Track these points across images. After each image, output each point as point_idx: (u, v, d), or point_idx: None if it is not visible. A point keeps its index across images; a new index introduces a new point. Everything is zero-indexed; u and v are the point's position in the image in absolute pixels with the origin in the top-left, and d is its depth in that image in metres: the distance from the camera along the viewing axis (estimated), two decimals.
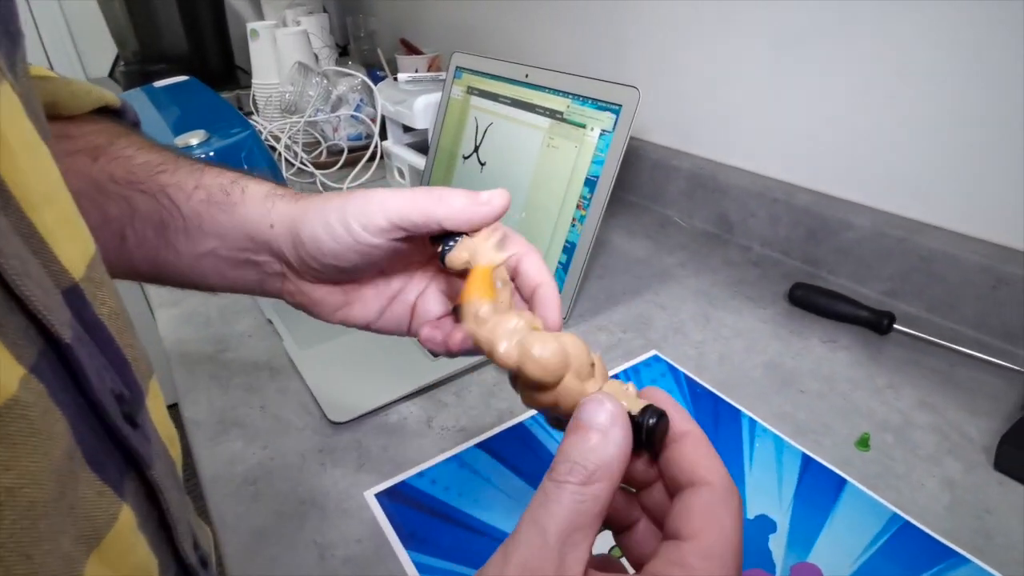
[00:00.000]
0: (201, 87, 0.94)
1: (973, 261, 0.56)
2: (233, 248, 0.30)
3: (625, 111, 0.54)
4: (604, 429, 0.20)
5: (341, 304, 0.33)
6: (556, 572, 0.18)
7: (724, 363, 0.55)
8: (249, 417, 0.50)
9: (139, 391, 0.23)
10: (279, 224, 0.29)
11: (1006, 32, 0.51)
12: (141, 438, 0.21)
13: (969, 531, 0.39)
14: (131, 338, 0.23)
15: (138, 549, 0.21)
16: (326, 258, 0.29)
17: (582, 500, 0.19)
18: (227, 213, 0.30)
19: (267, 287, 0.33)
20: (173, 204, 0.30)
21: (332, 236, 0.28)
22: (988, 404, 0.49)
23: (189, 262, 0.31)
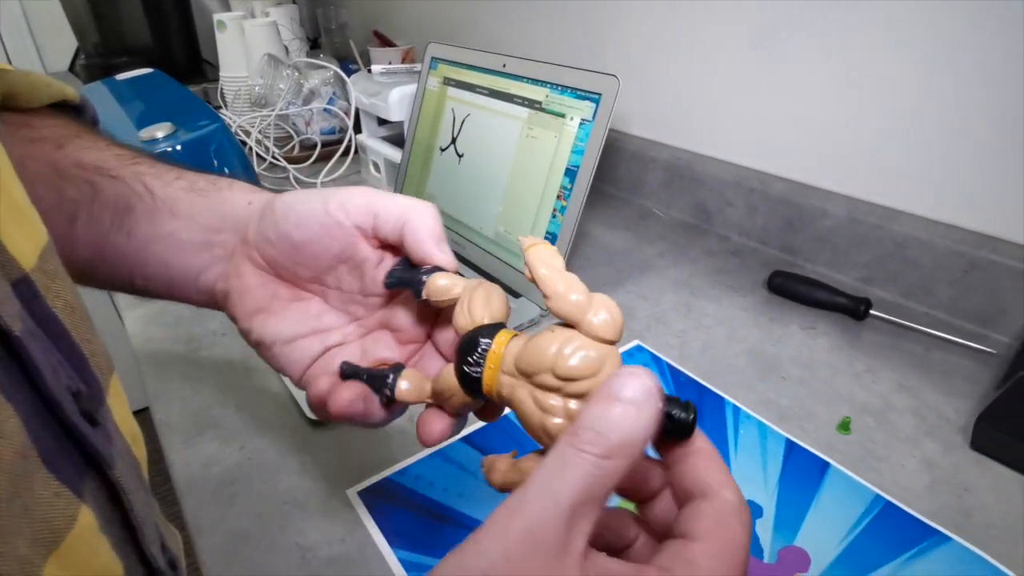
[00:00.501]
0: (166, 79, 0.91)
1: (945, 247, 0.57)
2: (196, 228, 0.30)
3: (605, 99, 0.53)
4: (638, 404, 0.19)
5: (262, 306, 0.30)
6: (561, 543, 0.17)
7: (706, 352, 0.55)
8: (224, 417, 0.48)
9: (98, 388, 0.22)
10: (259, 202, 0.30)
11: (974, 23, 0.52)
12: (101, 437, 0.20)
13: (949, 509, 0.39)
14: (88, 333, 0.22)
15: (100, 552, 0.20)
16: (301, 234, 0.28)
17: (600, 473, 0.18)
18: (207, 198, 0.30)
19: (202, 277, 0.30)
20: (147, 190, 0.29)
21: (307, 204, 0.28)
22: (963, 385, 0.50)
23: (138, 246, 0.30)
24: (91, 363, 0.21)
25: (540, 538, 0.17)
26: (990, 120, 0.53)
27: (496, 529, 0.18)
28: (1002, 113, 0.52)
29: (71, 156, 0.29)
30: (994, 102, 0.52)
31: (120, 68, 0.97)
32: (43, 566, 0.17)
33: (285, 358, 0.30)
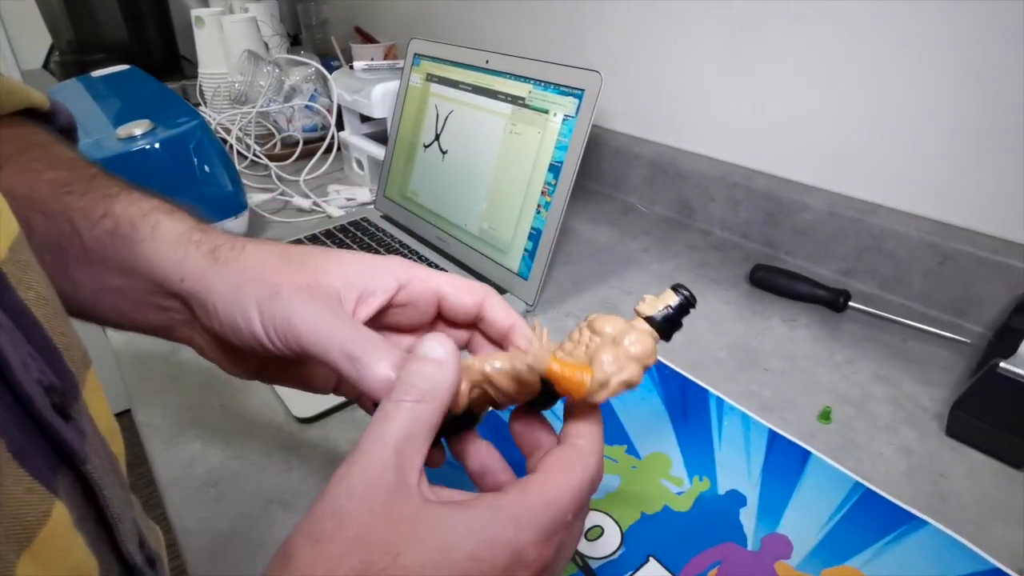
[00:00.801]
0: (144, 76, 0.89)
1: (920, 239, 0.58)
2: (138, 289, 0.27)
3: (588, 95, 0.54)
4: (440, 360, 0.23)
5: (263, 365, 0.30)
6: (395, 475, 0.20)
7: (690, 345, 0.55)
8: (208, 417, 0.48)
9: (72, 382, 0.21)
10: (191, 281, 0.26)
11: (947, 22, 0.53)
12: (74, 432, 0.20)
13: (926, 495, 0.40)
14: (63, 326, 0.21)
15: (75, 549, 0.20)
16: (240, 341, 0.26)
17: (414, 417, 0.21)
18: (132, 251, 0.26)
19: (176, 334, 0.29)
20: (75, 231, 0.27)
21: (249, 328, 0.25)
22: (938, 374, 0.51)
23: (88, 296, 0.28)
24: (65, 356, 0.21)
25: (375, 476, 0.20)
26: (963, 116, 0.54)
27: (338, 476, 0.21)
28: (974, 110, 0.54)
29: (5, 183, 0.26)
30: (967, 99, 0.54)
31: (96, 65, 0.95)
32: (16, 563, 0.16)
33: (313, 387, 0.31)
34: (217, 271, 0.26)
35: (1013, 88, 0.51)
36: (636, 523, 0.38)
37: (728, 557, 0.36)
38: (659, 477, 0.42)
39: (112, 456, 0.24)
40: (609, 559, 0.36)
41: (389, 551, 0.19)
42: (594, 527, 0.38)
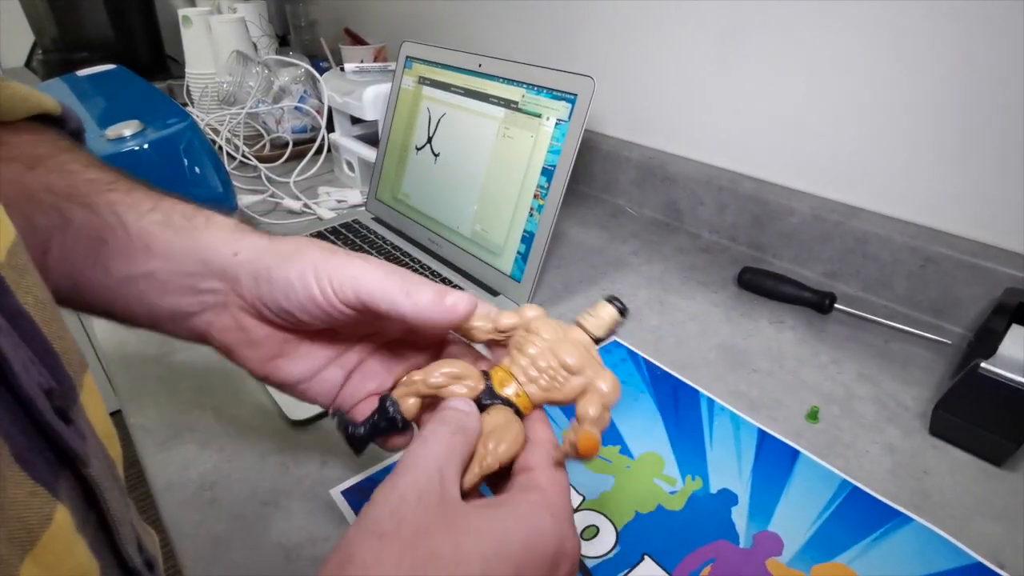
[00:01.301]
0: (131, 76, 0.88)
1: (903, 242, 0.59)
2: (178, 271, 0.28)
3: (580, 100, 0.54)
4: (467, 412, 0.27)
5: (276, 353, 0.30)
6: (440, 486, 0.23)
7: (680, 346, 0.56)
8: (202, 420, 0.47)
9: (70, 385, 0.21)
10: (245, 254, 0.28)
11: (931, 29, 0.54)
12: (75, 435, 0.20)
13: (910, 492, 0.42)
14: (60, 329, 0.21)
15: (77, 552, 0.20)
16: (290, 304, 0.28)
17: (452, 444, 0.25)
18: (183, 237, 0.28)
19: (194, 321, 0.30)
20: (120, 221, 0.28)
21: (305, 286, 0.27)
22: (920, 374, 0.52)
23: (117, 284, 0.28)
24: (63, 360, 0.21)
25: (423, 485, 0.23)
26: (945, 123, 0.56)
27: (388, 486, 0.23)
28: (957, 116, 0.55)
29: (42, 179, 0.28)
30: (949, 105, 0.55)
31: (80, 64, 0.94)
32: (19, 566, 0.16)
33: (312, 392, 0.32)
34: (272, 245, 0.29)
35: (995, 95, 0.52)
36: (630, 522, 0.39)
37: (721, 555, 0.37)
38: (652, 477, 0.42)
39: (110, 459, 0.24)
40: (604, 558, 0.37)
41: (450, 542, 0.21)
42: (589, 527, 0.39)
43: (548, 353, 0.27)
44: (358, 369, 0.32)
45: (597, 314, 0.29)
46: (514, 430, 0.27)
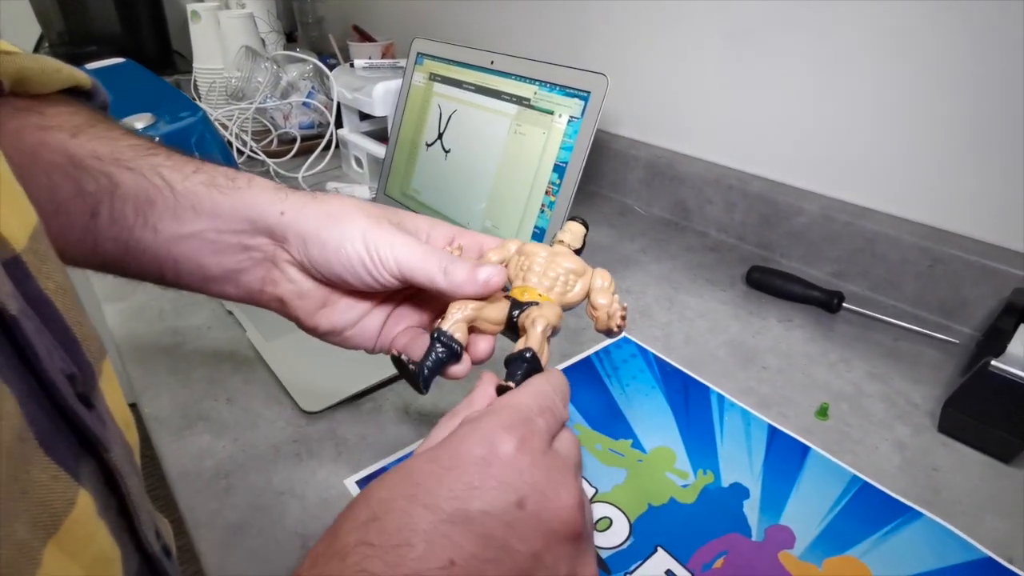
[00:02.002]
0: (140, 70, 0.89)
1: (912, 242, 0.60)
2: (225, 230, 0.29)
3: (594, 98, 0.55)
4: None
5: (323, 303, 0.32)
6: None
7: (690, 343, 0.57)
8: (215, 410, 0.48)
9: (91, 371, 0.22)
10: (291, 213, 0.29)
11: (941, 30, 0.55)
12: (96, 420, 0.20)
13: (919, 488, 0.42)
14: (80, 316, 0.22)
15: (99, 537, 0.20)
16: (341, 267, 0.29)
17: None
18: (228, 196, 0.29)
19: (246, 278, 0.31)
20: (165, 183, 0.29)
21: (356, 252, 0.29)
22: (929, 373, 0.53)
23: (166, 244, 0.29)
24: (83, 346, 0.21)
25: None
26: (954, 123, 0.56)
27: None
28: (966, 116, 0.56)
29: (86, 146, 0.29)
30: (959, 106, 0.56)
31: (87, 57, 0.94)
32: (43, 550, 0.17)
33: (356, 339, 0.33)
34: (316, 205, 0.30)
35: (1004, 95, 0.53)
36: (643, 515, 0.39)
37: (734, 547, 0.37)
38: (664, 470, 0.43)
39: (128, 446, 0.25)
40: (618, 549, 0.37)
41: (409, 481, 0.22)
42: (603, 519, 0.39)
43: (552, 264, 0.32)
44: (393, 313, 0.34)
45: (569, 231, 0.34)
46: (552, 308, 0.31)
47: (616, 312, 0.31)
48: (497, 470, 0.21)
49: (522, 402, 0.25)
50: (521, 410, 0.24)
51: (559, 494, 0.21)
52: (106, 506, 0.21)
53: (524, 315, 0.30)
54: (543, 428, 0.24)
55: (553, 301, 0.31)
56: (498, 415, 0.23)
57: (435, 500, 0.20)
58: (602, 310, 0.31)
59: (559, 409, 0.26)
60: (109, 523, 0.21)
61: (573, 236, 0.34)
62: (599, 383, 0.51)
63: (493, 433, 0.22)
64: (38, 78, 0.28)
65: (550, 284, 0.31)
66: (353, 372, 0.50)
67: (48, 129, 0.28)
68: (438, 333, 0.30)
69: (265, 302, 0.32)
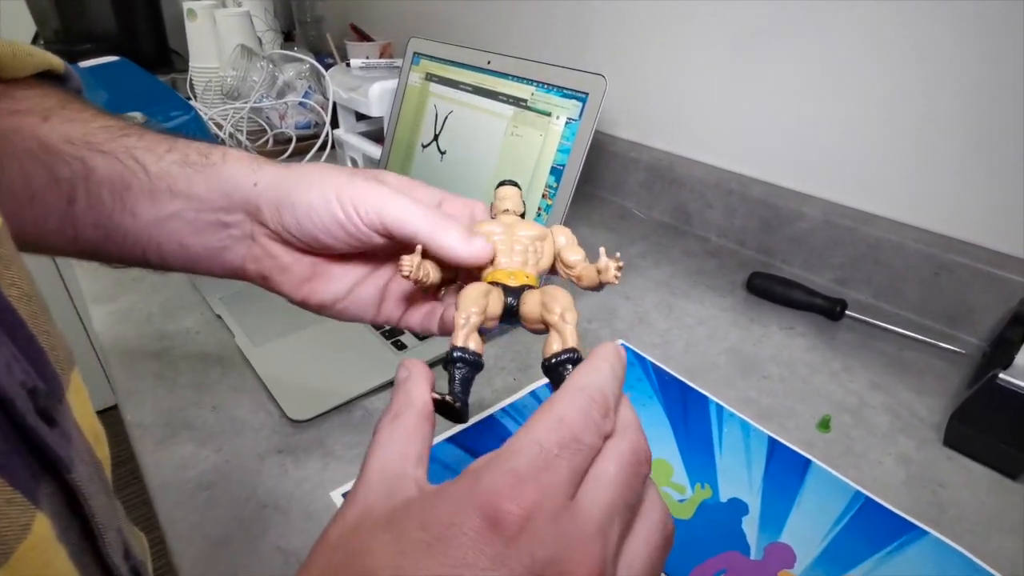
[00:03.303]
0: (134, 68, 0.87)
1: (916, 249, 0.58)
2: (203, 208, 0.29)
3: (592, 99, 0.53)
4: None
5: (308, 275, 0.31)
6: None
7: (689, 351, 0.55)
8: (200, 418, 0.46)
9: (57, 384, 0.20)
10: (264, 183, 0.28)
11: (946, 34, 0.53)
12: (59, 437, 0.19)
13: (925, 504, 0.41)
14: (47, 324, 0.21)
15: (57, 562, 0.19)
16: (314, 228, 0.28)
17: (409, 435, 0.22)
18: (203, 174, 0.28)
19: (228, 256, 0.30)
20: (139, 165, 0.28)
21: (328, 210, 0.27)
22: (934, 384, 0.51)
23: (146, 227, 0.29)
24: (49, 356, 0.20)
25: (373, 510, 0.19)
26: (961, 129, 0.55)
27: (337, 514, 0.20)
28: (972, 122, 0.54)
29: (58, 129, 0.28)
30: (965, 111, 0.54)
31: (83, 55, 0.93)
32: None
33: (352, 311, 0.32)
34: (290, 173, 0.29)
35: (1011, 101, 0.51)
36: None
37: (732, 566, 0.36)
38: (661, 484, 0.41)
39: (97, 462, 0.23)
40: None
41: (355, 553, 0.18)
42: None
43: (514, 238, 0.29)
44: (393, 282, 0.32)
45: (508, 197, 0.31)
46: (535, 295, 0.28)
47: (609, 266, 0.27)
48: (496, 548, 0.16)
49: (537, 439, 0.19)
50: (532, 457, 0.18)
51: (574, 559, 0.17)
52: (67, 528, 0.20)
53: (544, 309, 0.27)
54: (563, 476, 0.18)
55: (535, 278, 0.29)
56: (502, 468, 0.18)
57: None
58: (578, 266, 0.29)
59: (589, 432, 0.19)
60: (70, 546, 0.20)
61: (514, 202, 0.31)
62: None
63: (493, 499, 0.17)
64: (10, 62, 0.28)
65: (522, 260, 0.29)
66: (344, 379, 0.49)
67: (19, 114, 0.27)
68: (457, 352, 0.26)
69: (251, 278, 0.31)
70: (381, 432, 0.22)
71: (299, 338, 0.54)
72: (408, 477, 0.20)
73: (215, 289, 0.60)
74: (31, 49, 0.29)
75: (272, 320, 0.56)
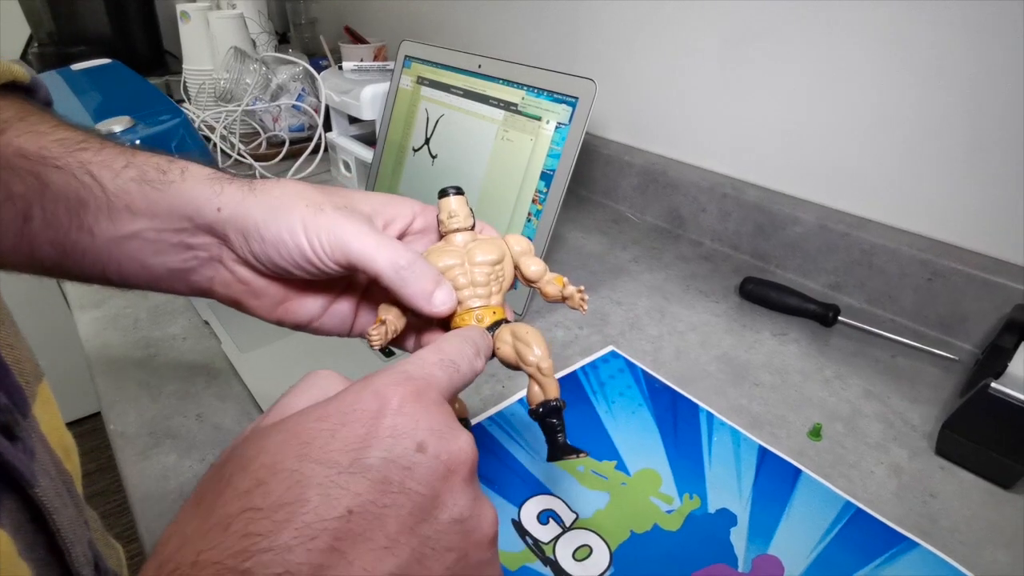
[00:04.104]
0: (125, 71, 0.87)
1: (910, 255, 0.58)
2: (165, 229, 0.27)
3: (582, 103, 0.53)
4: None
5: (282, 298, 0.30)
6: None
7: (680, 358, 0.55)
8: (184, 427, 0.46)
9: (21, 398, 0.20)
10: (229, 210, 0.27)
11: (940, 40, 0.53)
12: (21, 453, 0.19)
13: (916, 515, 0.40)
14: (12, 338, 0.20)
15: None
16: (283, 261, 0.27)
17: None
18: (162, 192, 0.27)
19: (194, 277, 0.29)
20: (96, 182, 0.27)
21: (297, 245, 0.26)
22: (927, 392, 0.51)
23: (106, 246, 0.28)
24: (14, 371, 0.20)
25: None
26: (955, 133, 0.55)
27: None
28: (967, 127, 0.54)
29: (13, 143, 0.27)
30: (959, 116, 0.54)
31: (77, 58, 0.92)
32: None
33: (327, 327, 0.31)
34: (255, 197, 0.27)
35: (1005, 107, 0.51)
36: (625, 542, 0.38)
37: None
38: (649, 495, 0.41)
39: (66, 475, 0.23)
40: None
41: None
42: (582, 547, 0.37)
43: (473, 269, 0.28)
44: (365, 296, 0.32)
45: (455, 213, 0.29)
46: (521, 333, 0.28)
47: (574, 295, 0.28)
48: (391, 420, 0.19)
49: (419, 355, 0.23)
50: (416, 363, 0.22)
51: (457, 436, 0.20)
52: (32, 544, 0.20)
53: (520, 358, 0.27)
54: (443, 380, 0.22)
55: (501, 309, 0.29)
56: (391, 371, 0.21)
57: (329, 455, 0.17)
58: (540, 280, 0.29)
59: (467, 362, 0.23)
60: (35, 563, 0.19)
61: (463, 215, 0.30)
62: (584, 400, 0.49)
63: (385, 387, 0.20)
64: None
65: (486, 292, 0.28)
66: None
67: None
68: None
69: (220, 300, 0.31)
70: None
71: (286, 344, 0.53)
72: None
73: None
74: None
75: (259, 326, 0.54)
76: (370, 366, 0.51)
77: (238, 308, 0.31)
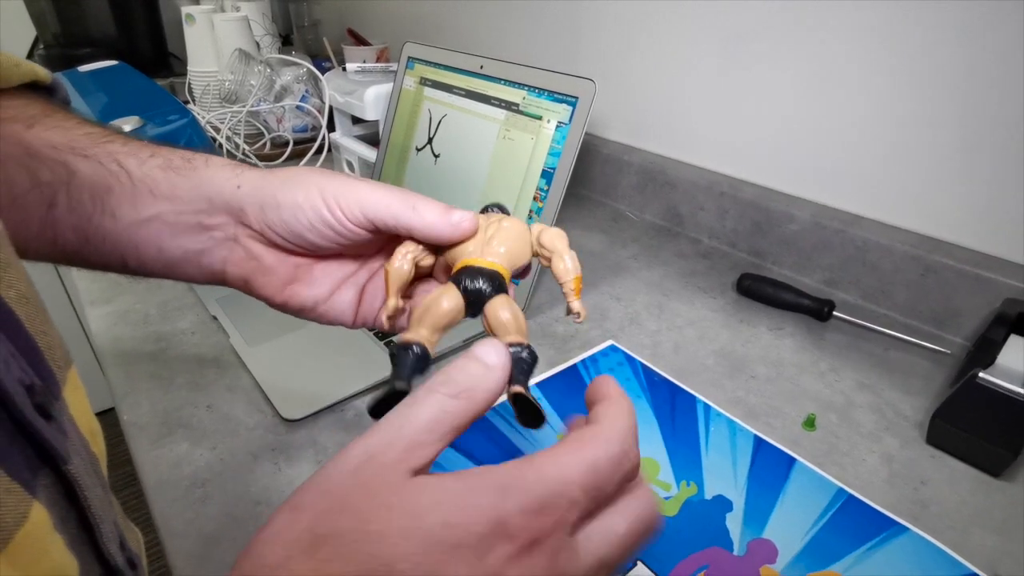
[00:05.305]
0: (132, 72, 0.88)
1: (904, 251, 0.59)
2: (184, 211, 0.29)
3: (581, 103, 0.54)
4: (489, 365, 0.22)
5: (290, 278, 0.31)
6: (398, 456, 0.19)
7: (679, 352, 0.56)
8: (195, 417, 0.47)
9: (54, 381, 0.21)
10: (247, 186, 0.29)
11: (934, 39, 0.54)
12: (56, 431, 0.20)
13: (907, 501, 0.41)
14: (44, 324, 0.21)
15: (53, 551, 0.19)
16: (300, 226, 0.28)
17: (443, 409, 0.20)
18: (185, 177, 0.29)
19: (207, 259, 0.31)
20: (122, 169, 0.29)
21: (314, 207, 0.28)
22: (919, 383, 0.52)
23: (126, 230, 0.29)
24: (46, 356, 0.21)
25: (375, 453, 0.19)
26: (947, 131, 0.56)
27: (341, 450, 0.20)
28: (958, 124, 0.55)
29: (42, 136, 0.28)
30: (951, 114, 0.55)
31: (82, 59, 0.94)
32: None
33: (331, 314, 0.32)
34: (273, 175, 0.29)
35: (998, 105, 0.52)
36: None
37: (715, 561, 0.37)
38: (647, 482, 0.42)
39: (93, 456, 0.24)
40: None
41: (359, 518, 0.18)
42: None
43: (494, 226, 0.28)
44: (369, 285, 0.33)
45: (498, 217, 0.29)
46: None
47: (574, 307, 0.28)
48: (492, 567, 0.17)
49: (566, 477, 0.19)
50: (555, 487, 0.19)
51: None
52: (64, 519, 0.21)
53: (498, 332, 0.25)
54: (576, 516, 0.19)
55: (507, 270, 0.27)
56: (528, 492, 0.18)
57: None
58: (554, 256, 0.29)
59: (612, 484, 0.20)
60: (68, 536, 0.21)
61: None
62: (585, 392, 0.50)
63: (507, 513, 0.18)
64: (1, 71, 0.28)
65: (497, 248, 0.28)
66: (336, 379, 0.50)
67: (3, 121, 0.28)
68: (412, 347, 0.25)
69: (231, 283, 0.32)
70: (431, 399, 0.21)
71: (293, 339, 0.55)
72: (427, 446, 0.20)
73: (211, 291, 0.61)
74: (18, 60, 0.30)
75: (266, 321, 0.56)
76: (373, 361, 0.52)
77: (247, 289, 0.32)
